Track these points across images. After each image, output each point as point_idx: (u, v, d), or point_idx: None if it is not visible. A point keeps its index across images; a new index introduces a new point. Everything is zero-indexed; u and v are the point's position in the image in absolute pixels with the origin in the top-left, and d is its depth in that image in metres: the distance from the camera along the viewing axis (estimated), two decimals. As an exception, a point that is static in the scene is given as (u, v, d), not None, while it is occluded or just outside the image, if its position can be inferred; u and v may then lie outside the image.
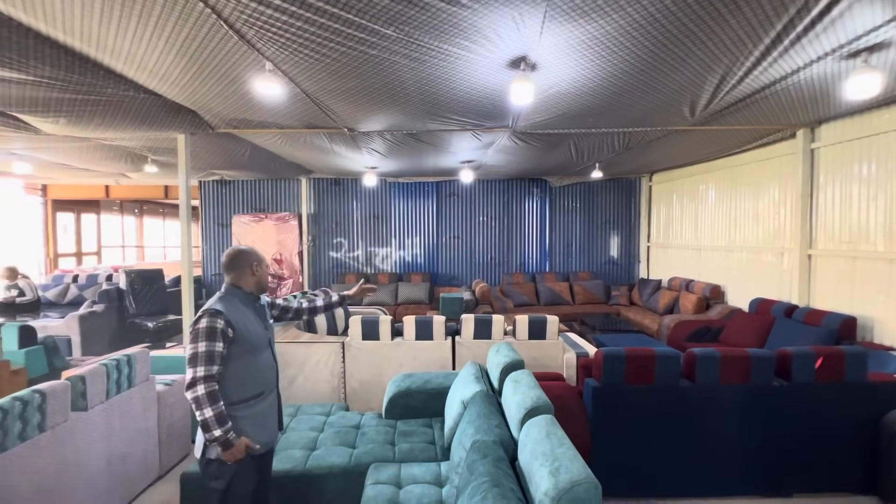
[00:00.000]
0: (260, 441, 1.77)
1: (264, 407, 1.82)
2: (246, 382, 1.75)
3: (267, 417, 1.84)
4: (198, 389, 1.59)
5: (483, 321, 3.81)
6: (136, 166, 6.29)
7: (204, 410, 1.58)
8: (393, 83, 2.95)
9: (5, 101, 3.31)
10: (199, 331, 1.64)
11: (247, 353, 1.74)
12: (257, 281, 1.86)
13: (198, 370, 1.60)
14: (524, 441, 1.66)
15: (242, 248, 1.92)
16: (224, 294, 1.80)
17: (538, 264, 8.13)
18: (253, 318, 1.81)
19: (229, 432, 1.61)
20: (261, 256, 1.91)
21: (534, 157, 5.68)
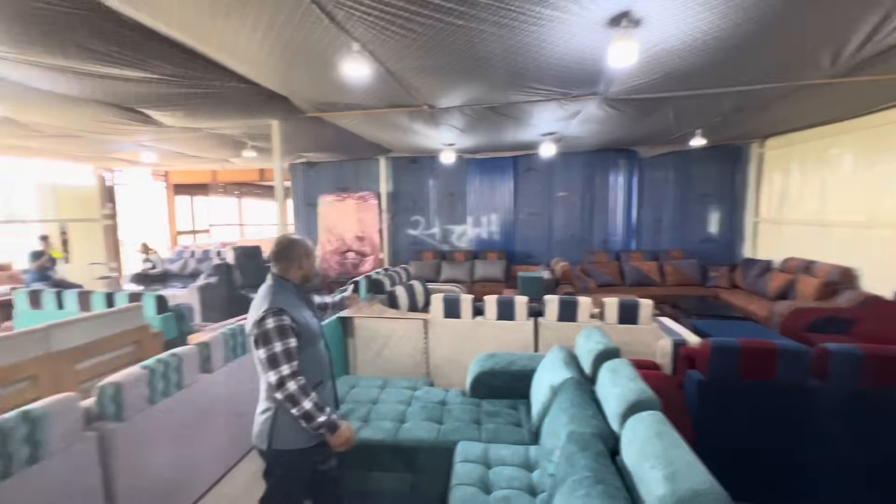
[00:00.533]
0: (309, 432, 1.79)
1: (324, 395, 1.82)
2: (307, 374, 1.72)
3: (327, 404, 1.83)
4: (289, 387, 1.59)
5: (568, 303, 3.64)
6: (236, 152, 6.90)
7: (302, 404, 1.60)
8: (478, 55, 2.82)
9: (136, 99, 3.76)
10: (269, 331, 1.62)
11: (308, 345, 1.74)
12: (304, 274, 1.84)
13: (282, 369, 1.60)
14: (629, 438, 1.55)
15: (294, 238, 1.86)
16: (275, 288, 1.75)
17: (623, 242, 7.59)
18: (306, 311, 1.81)
19: (331, 415, 1.66)
20: (310, 249, 1.88)
21: (623, 125, 5.21)
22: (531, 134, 5.84)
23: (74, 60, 2.85)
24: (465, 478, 2.04)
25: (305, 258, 1.85)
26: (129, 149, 6.62)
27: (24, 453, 1.64)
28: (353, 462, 2.45)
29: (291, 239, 1.85)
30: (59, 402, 1.77)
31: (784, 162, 6.35)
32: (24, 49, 2.66)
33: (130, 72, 3.05)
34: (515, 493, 1.92)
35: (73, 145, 6.21)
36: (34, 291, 4.60)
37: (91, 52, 2.70)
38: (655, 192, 7.40)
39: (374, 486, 2.47)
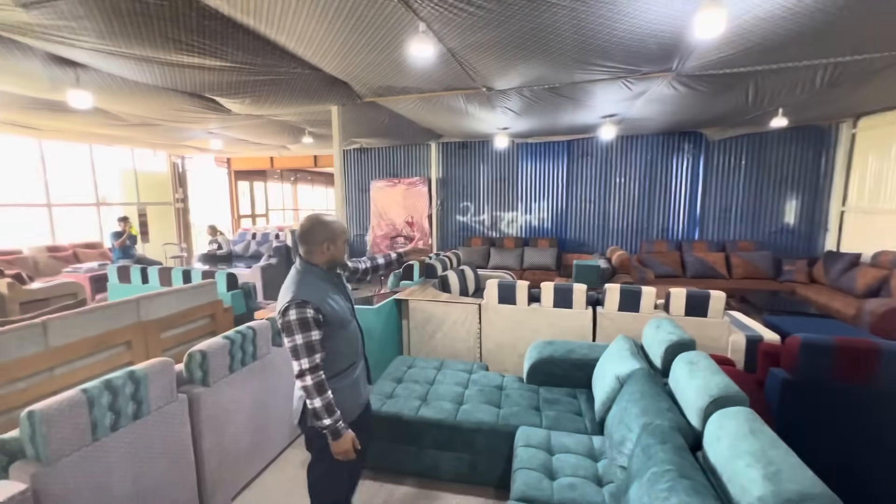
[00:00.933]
0: (357, 402, 1.83)
1: (357, 374, 1.83)
2: (340, 356, 1.74)
3: (360, 383, 1.86)
4: (306, 381, 1.58)
5: (630, 293, 3.49)
6: (295, 138, 7.17)
7: (314, 400, 1.58)
8: (545, 31, 2.71)
9: (209, 87, 3.98)
10: (291, 323, 1.58)
11: (337, 330, 1.71)
12: (330, 258, 1.74)
13: (302, 362, 1.58)
14: (716, 433, 1.46)
15: (321, 220, 1.74)
16: (301, 275, 1.69)
17: (686, 231, 7.15)
18: (335, 295, 1.73)
19: (338, 422, 1.61)
20: (335, 233, 1.73)
21: (693, 105, 4.85)
22: (590, 116, 5.59)
23: (159, 50, 3.04)
24: (528, 462, 2.02)
25: (331, 242, 1.71)
26: (199, 136, 7.06)
27: (131, 409, 1.82)
28: (412, 439, 2.51)
29: (316, 221, 1.73)
30: (157, 365, 1.94)
31: (881, 143, 5.65)
32: (118, 41, 2.88)
33: (207, 60, 3.22)
34: (581, 482, 1.88)
35: (150, 133, 6.71)
36: (123, 267, 5.07)
37: (175, 41, 2.87)
38: (724, 178, 6.88)
39: (431, 464, 2.52)
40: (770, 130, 6.33)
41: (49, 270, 6.85)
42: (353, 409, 1.81)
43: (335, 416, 1.60)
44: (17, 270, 5.81)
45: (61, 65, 3.39)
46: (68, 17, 2.48)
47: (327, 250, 1.72)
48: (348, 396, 1.78)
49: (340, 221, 1.79)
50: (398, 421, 2.51)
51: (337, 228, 1.74)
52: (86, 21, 2.55)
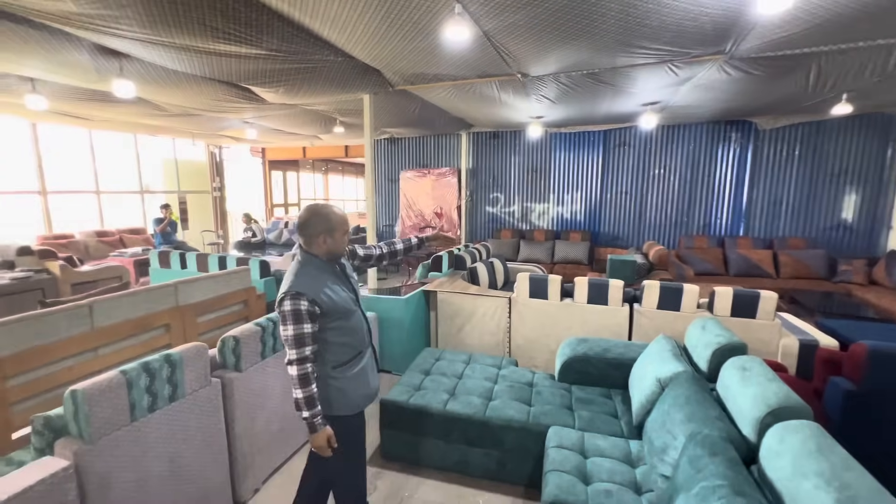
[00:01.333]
0: (366, 393, 1.80)
1: (364, 364, 1.79)
2: (344, 347, 1.71)
3: (367, 373, 1.82)
4: (292, 370, 1.57)
5: (671, 290, 3.30)
6: (327, 128, 7.21)
7: (296, 391, 1.57)
8: (590, 9, 2.55)
9: (245, 76, 4.02)
10: (284, 314, 1.57)
11: (338, 321, 1.67)
12: (328, 250, 1.69)
13: (290, 353, 1.58)
14: (775, 448, 1.33)
15: (319, 211, 1.68)
16: (301, 265, 1.67)
17: (729, 226, 6.76)
18: (335, 286, 1.69)
19: (316, 416, 1.59)
20: (333, 225, 1.66)
21: (745, 91, 4.52)
22: (629, 104, 5.32)
23: (197, 39, 3.08)
24: (561, 464, 1.94)
25: (328, 235, 1.66)
26: (235, 126, 7.22)
27: (167, 391, 1.85)
28: (440, 433, 2.47)
29: (314, 212, 1.68)
30: (192, 349, 1.97)
31: (959, 133, 5.11)
32: (157, 30, 2.93)
33: (243, 48, 3.24)
34: (617, 488, 1.78)
35: (190, 123, 6.92)
36: (163, 253, 5.27)
37: (212, 29, 2.89)
38: (774, 169, 6.42)
39: (459, 459, 2.48)
40: (830, 118, 5.85)
41: (98, 254, 7.24)
42: (362, 399, 1.78)
43: (314, 411, 1.60)
44: (69, 254, 6.15)
45: (106, 55, 3.49)
46: (112, 5, 2.53)
47: (324, 242, 1.67)
48: (356, 386, 1.75)
49: (340, 213, 1.72)
50: (426, 414, 2.47)
51: (335, 220, 1.68)
52: (127, 9, 2.59)
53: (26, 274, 4.97)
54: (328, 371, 1.69)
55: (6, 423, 2.24)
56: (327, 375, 1.68)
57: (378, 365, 1.97)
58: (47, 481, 1.40)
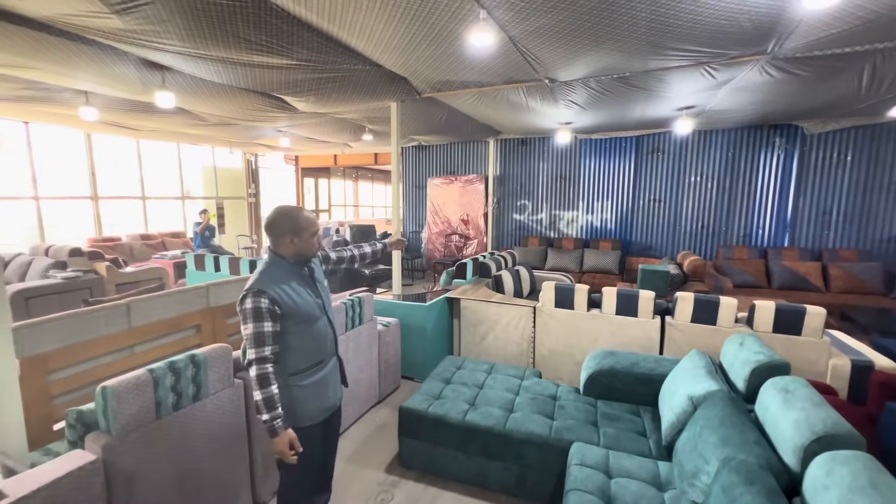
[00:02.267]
0: (322, 406, 1.73)
1: (324, 374, 1.75)
2: (303, 353, 1.67)
3: (328, 385, 1.76)
4: (251, 371, 1.54)
5: (707, 303, 3.13)
6: (356, 136, 7.36)
7: (254, 392, 1.53)
8: (618, 11, 2.47)
9: (277, 86, 4.15)
10: (245, 311, 1.55)
11: (299, 325, 1.64)
12: (296, 251, 1.67)
13: (249, 353, 1.54)
14: (822, 481, 1.20)
15: (286, 212, 1.67)
16: (267, 265, 1.66)
17: (773, 236, 6.38)
18: (301, 289, 1.66)
19: (276, 419, 1.53)
20: (300, 226, 1.65)
21: (790, 93, 4.27)
22: (663, 109, 5.14)
23: (232, 51, 3.21)
24: (583, 483, 1.85)
25: (295, 235, 1.64)
26: (270, 134, 7.49)
27: (191, 391, 1.89)
28: (459, 444, 2.42)
29: (282, 213, 1.67)
30: (216, 350, 2.02)
31: None
32: (196, 43, 3.07)
33: (275, 59, 3.35)
34: (644, 513, 1.68)
35: (227, 132, 7.23)
36: (198, 256, 5.50)
37: (246, 41, 3.00)
38: (824, 177, 6.03)
39: (478, 471, 2.41)
40: (886, 121, 5.45)
41: (141, 256, 7.64)
42: (317, 411, 1.73)
43: (274, 413, 1.53)
44: (115, 256, 6.53)
45: (150, 68, 3.70)
46: (153, 20, 2.67)
47: (290, 243, 1.66)
48: (312, 397, 1.70)
49: (309, 215, 1.71)
50: (445, 424, 2.43)
51: (303, 222, 1.67)
52: (168, 24, 2.73)
53: (76, 274, 5.29)
54: (284, 378, 1.64)
55: (48, 416, 2.36)
56: (283, 383, 1.63)
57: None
58: (75, 474, 1.45)
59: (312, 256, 1.75)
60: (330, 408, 1.81)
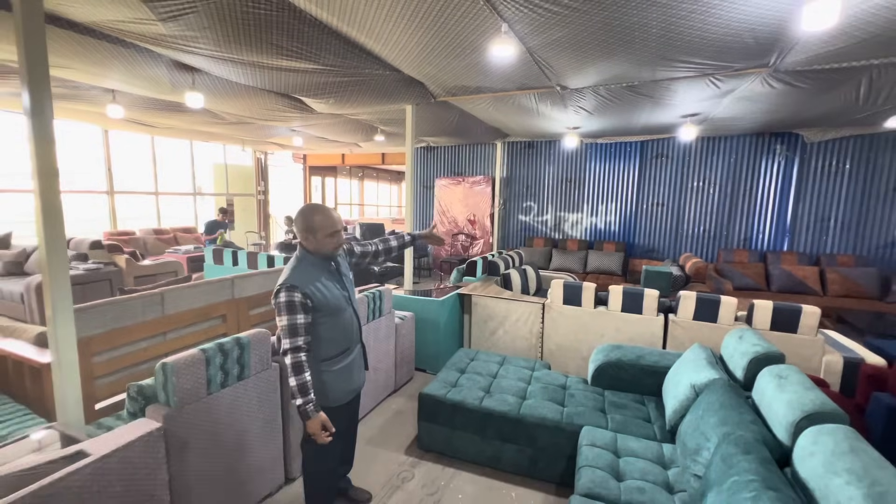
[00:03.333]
0: (348, 388, 1.92)
1: (351, 360, 1.91)
2: (332, 342, 1.82)
3: (353, 370, 1.93)
4: (286, 359, 1.67)
5: (708, 301, 3.30)
6: (368, 136, 7.54)
7: (290, 379, 1.66)
8: (631, 26, 2.65)
9: (300, 88, 4.33)
10: (279, 305, 1.67)
11: (328, 317, 1.78)
12: (315, 248, 1.80)
13: (284, 343, 1.68)
14: (809, 449, 1.38)
15: (304, 212, 1.79)
16: (297, 261, 1.80)
17: (772, 241, 6.55)
18: (328, 282, 1.80)
19: (308, 404, 1.66)
20: (314, 227, 1.76)
21: (791, 103, 4.45)
22: (668, 116, 5.32)
23: (263, 55, 3.38)
24: (594, 461, 2.02)
25: (310, 234, 1.77)
26: (283, 133, 7.66)
27: (236, 370, 2.07)
28: (475, 428, 2.59)
29: (301, 210, 1.80)
30: (257, 335, 2.19)
31: None
32: (230, 48, 3.25)
33: (303, 63, 3.52)
34: (650, 486, 1.85)
35: (243, 130, 7.40)
36: (217, 250, 5.68)
37: (277, 47, 3.18)
38: (822, 183, 6.20)
39: (493, 454, 2.58)
40: (883, 131, 5.63)
41: (155, 250, 7.81)
42: (344, 394, 1.91)
43: (307, 398, 1.67)
44: (132, 249, 6.70)
45: (181, 70, 3.88)
46: (195, 27, 2.85)
47: (306, 241, 1.80)
48: (340, 381, 1.88)
49: (325, 215, 1.79)
50: (462, 409, 2.60)
51: (316, 222, 1.77)
52: (207, 31, 2.91)
53: (97, 266, 5.47)
54: (316, 364, 1.81)
55: (91, 395, 2.54)
56: (315, 368, 1.80)
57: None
58: (144, 439, 1.63)
59: (330, 255, 1.85)
60: (355, 390, 2.00)
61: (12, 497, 1.23)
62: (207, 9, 2.61)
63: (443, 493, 2.41)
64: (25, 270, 5.50)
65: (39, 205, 1.96)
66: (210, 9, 2.62)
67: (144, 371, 2.84)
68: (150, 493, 1.65)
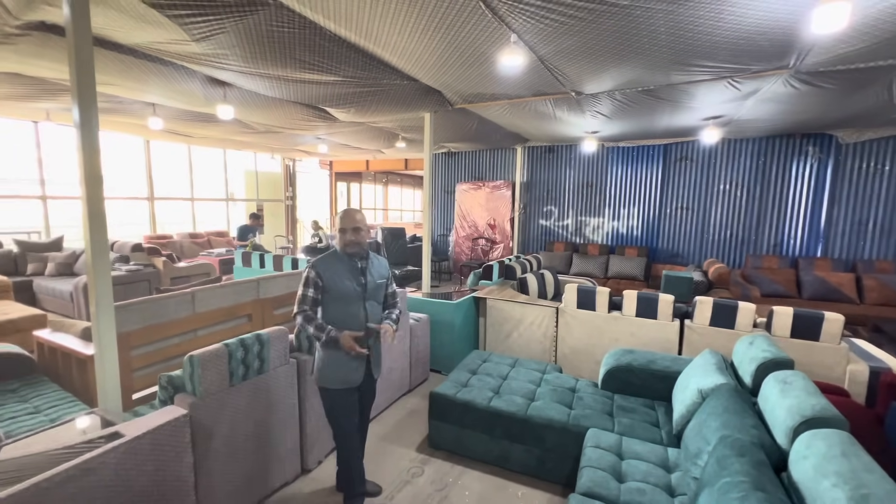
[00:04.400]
0: (340, 378, 2.07)
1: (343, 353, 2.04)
2: (332, 325, 2.04)
3: (349, 363, 2.06)
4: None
5: (725, 307, 3.25)
6: (389, 143, 7.74)
7: (306, 329, 2.01)
8: (640, 33, 2.68)
9: (323, 99, 4.54)
10: (301, 277, 2.07)
11: (335, 301, 2.05)
12: (342, 244, 2.09)
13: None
14: (802, 453, 1.38)
15: (341, 213, 2.10)
16: (330, 251, 2.14)
17: (804, 246, 6.30)
18: (345, 274, 2.06)
19: (329, 332, 1.98)
20: (343, 227, 2.07)
21: (819, 104, 4.30)
22: (690, 118, 5.23)
23: (287, 69, 3.59)
24: (596, 462, 2.05)
25: (340, 233, 2.08)
26: (309, 141, 7.97)
27: (256, 365, 2.22)
28: (484, 428, 2.65)
29: (340, 212, 2.11)
30: (276, 332, 2.34)
31: None
32: (257, 64, 3.47)
33: (324, 76, 3.71)
34: (651, 489, 1.87)
35: (271, 139, 7.75)
36: (245, 253, 5.97)
37: (300, 61, 3.37)
38: (860, 186, 5.92)
39: (501, 454, 2.64)
40: (926, 131, 5.34)
41: (190, 253, 8.25)
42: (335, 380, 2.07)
43: (326, 332, 1.99)
44: (169, 252, 7.12)
45: (213, 84, 4.15)
46: (225, 46, 3.07)
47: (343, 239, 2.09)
48: (334, 365, 2.06)
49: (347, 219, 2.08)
50: (471, 408, 2.67)
51: (345, 221, 2.08)
52: (237, 49, 3.13)
53: (137, 267, 5.85)
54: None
55: (130, 385, 2.76)
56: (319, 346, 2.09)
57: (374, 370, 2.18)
58: (172, 423, 1.79)
59: (351, 252, 2.10)
60: (348, 382, 2.10)
61: (58, 468, 1.40)
62: (236, 29, 2.82)
63: (450, 489, 2.48)
64: (74, 271, 5.95)
65: (86, 210, 2.18)
66: (238, 29, 2.82)
67: (176, 365, 3.05)
68: (177, 474, 1.81)
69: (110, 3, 2.49)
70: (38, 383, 2.77)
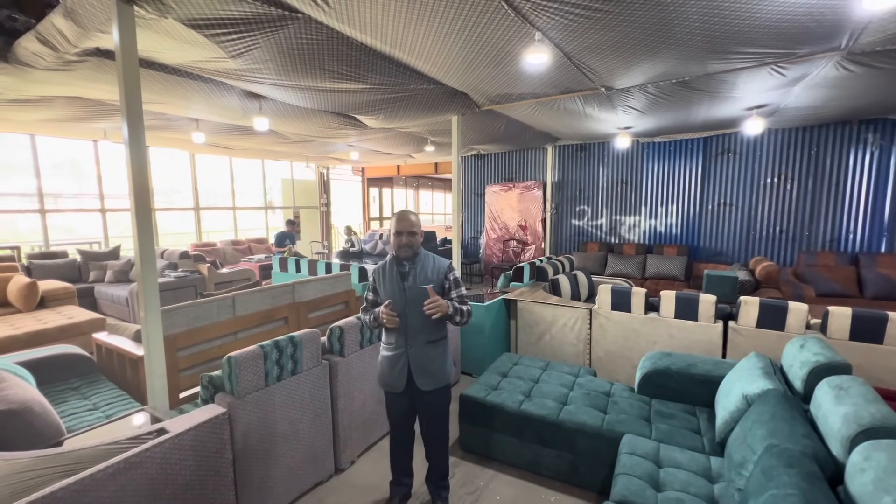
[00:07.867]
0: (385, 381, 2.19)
1: (391, 356, 2.14)
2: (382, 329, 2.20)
3: (394, 367, 2.13)
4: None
5: (773, 308, 3.05)
6: (419, 147, 7.82)
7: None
8: (671, 24, 2.57)
9: (352, 107, 4.65)
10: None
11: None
12: (395, 247, 2.12)
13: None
14: (860, 465, 1.27)
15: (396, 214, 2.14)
16: (386, 259, 2.21)
17: (866, 241, 5.80)
18: (389, 280, 2.14)
19: (374, 316, 2.17)
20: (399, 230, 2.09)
21: (878, 86, 3.97)
22: (731, 109, 4.96)
23: (317, 80, 3.71)
24: (632, 469, 1.97)
25: (395, 236, 2.11)
26: (341, 149, 8.19)
27: (290, 366, 2.30)
28: (514, 431, 2.61)
29: (395, 214, 2.16)
30: (309, 334, 2.41)
31: None
32: (289, 76, 3.60)
33: (353, 84, 3.81)
34: (691, 499, 1.77)
35: (306, 148, 8.02)
36: (282, 259, 6.20)
37: (330, 72, 3.48)
38: (928, 175, 5.40)
39: (532, 458, 2.59)
40: None
41: (232, 259, 8.66)
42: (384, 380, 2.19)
43: (372, 316, 2.18)
44: (213, 259, 7.51)
45: (250, 98, 4.35)
46: (258, 61, 3.22)
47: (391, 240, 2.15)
48: (383, 365, 2.19)
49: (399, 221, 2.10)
50: (501, 412, 2.64)
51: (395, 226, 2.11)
52: (269, 63, 3.27)
53: (185, 274, 6.21)
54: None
55: (176, 385, 2.92)
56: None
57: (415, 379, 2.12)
58: (212, 420, 1.88)
59: (401, 255, 2.13)
60: (393, 387, 2.16)
61: (110, 461, 1.50)
62: (268, 43, 2.94)
63: (482, 493, 2.46)
64: (130, 278, 6.38)
65: (134, 221, 2.33)
66: (270, 43, 2.94)
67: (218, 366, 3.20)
68: (217, 470, 1.90)
69: (155, 27, 2.66)
70: (96, 382, 2.99)
